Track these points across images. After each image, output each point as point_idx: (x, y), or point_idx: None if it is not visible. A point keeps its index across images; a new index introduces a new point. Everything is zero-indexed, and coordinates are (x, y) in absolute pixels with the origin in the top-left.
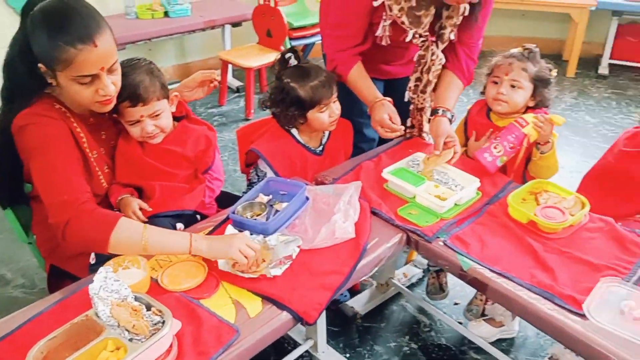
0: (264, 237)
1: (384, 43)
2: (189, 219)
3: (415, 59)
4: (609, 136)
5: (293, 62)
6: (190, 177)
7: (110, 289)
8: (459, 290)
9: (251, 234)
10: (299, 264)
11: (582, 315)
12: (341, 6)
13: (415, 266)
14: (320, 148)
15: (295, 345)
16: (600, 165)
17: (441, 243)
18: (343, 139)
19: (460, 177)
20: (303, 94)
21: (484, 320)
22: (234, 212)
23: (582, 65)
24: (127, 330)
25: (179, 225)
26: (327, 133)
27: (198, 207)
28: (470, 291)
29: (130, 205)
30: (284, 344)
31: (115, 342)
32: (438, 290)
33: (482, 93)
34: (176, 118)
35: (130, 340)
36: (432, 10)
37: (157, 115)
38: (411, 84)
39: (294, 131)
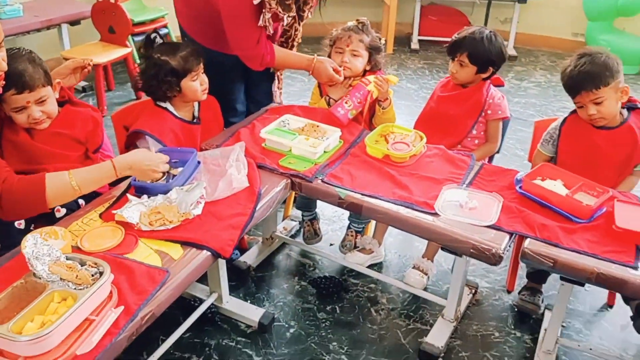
0: (165, 195)
1: (267, 32)
2: (87, 197)
3: (280, 32)
4: (427, 98)
5: (159, 40)
6: (82, 157)
7: (42, 252)
8: (331, 234)
9: (155, 195)
10: (205, 214)
11: (435, 214)
12: (230, 16)
13: (292, 220)
14: (196, 120)
15: (201, 302)
16: (425, 111)
17: (320, 181)
18: (212, 110)
19: (325, 129)
20: (175, 64)
21: (357, 251)
22: (134, 180)
23: (398, 43)
24: (69, 282)
25: (81, 201)
26: (197, 105)
27: None
28: (341, 233)
29: None
30: (190, 302)
31: (61, 294)
32: (313, 235)
33: None
34: (59, 103)
35: (75, 289)
36: None
37: (43, 102)
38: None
39: (169, 107)
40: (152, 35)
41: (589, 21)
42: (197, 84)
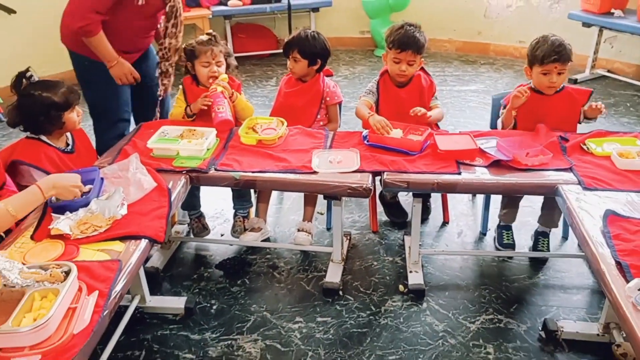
0: (85, 208)
1: (140, 2)
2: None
3: (167, 9)
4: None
5: (35, 78)
6: None
7: (7, 267)
8: (219, 228)
9: (76, 210)
10: (129, 214)
11: (314, 172)
12: None
13: (180, 224)
14: (70, 147)
15: (126, 308)
16: (276, 106)
17: (214, 170)
18: (84, 140)
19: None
20: (58, 99)
21: (248, 232)
22: (51, 202)
23: None
24: (44, 282)
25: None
26: (69, 135)
27: None
28: (227, 225)
29: None
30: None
31: (41, 293)
32: (202, 229)
33: (189, 74)
34: None
35: (52, 286)
36: None
37: None
38: (161, 30)
39: (43, 138)
40: (28, 74)
41: (371, 19)
42: (75, 115)
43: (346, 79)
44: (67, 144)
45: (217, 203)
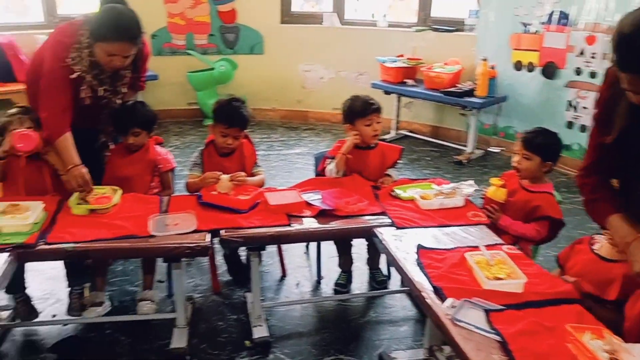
0: None
1: (87, 102)
2: None
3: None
4: None
5: None
6: None
7: None
8: (51, 309)
9: None
10: None
11: (152, 236)
12: (50, 82)
13: (4, 309)
14: None
15: None
16: (107, 179)
17: (43, 244)
18: None
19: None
20: None
21: (90, 307)
22: None
23: None
24: None
25: None
26: None
27: None
28: (58, 306)
29: None
30: None
31: None
32: (30, 312)
33: None
34: None
35: None
36: (108, 73)
37: None
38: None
39: None
40: None
41: (197, 91)
42: None
43: (178, 149)
44: None
45: (45, 283)
